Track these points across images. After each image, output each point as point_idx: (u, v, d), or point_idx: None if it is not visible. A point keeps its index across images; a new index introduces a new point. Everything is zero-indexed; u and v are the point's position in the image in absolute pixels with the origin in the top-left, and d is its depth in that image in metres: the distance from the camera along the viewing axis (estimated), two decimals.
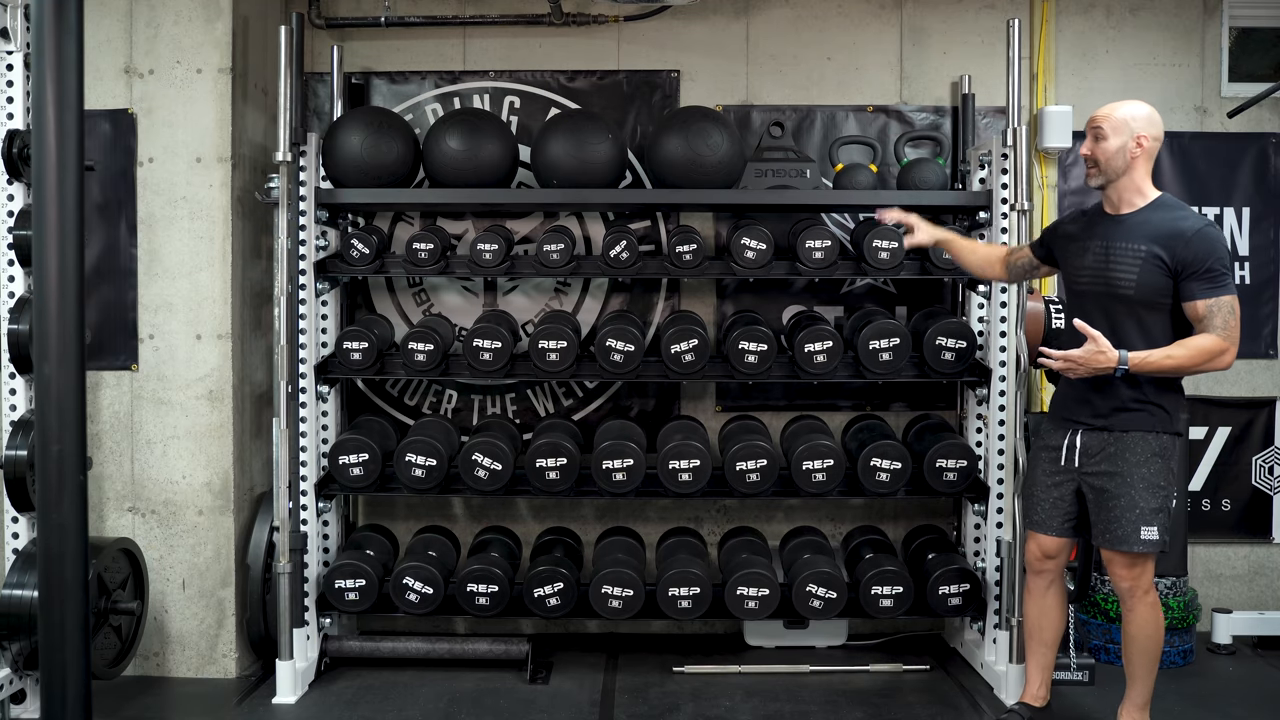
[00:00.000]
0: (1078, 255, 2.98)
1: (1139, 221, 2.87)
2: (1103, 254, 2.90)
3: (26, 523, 3.25)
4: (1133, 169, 2.88)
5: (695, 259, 3.66)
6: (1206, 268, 2.75)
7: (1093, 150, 2.90)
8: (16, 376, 3.26)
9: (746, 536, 3.95)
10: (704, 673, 3.73)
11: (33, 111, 2.13)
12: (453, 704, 3.45)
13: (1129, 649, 2.98)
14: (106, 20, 3.63)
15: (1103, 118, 2.89)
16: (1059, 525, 3.04)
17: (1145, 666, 2.97)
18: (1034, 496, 3.09)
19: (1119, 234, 2.88)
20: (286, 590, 3.48)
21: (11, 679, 3.17)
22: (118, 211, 3.67)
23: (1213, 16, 4.13)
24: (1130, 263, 2.83)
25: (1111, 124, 2.87)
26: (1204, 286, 2.76)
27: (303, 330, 3.59)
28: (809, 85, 4.13)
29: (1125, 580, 2.92)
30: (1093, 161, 2.91)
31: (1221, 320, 2.75)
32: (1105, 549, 2.92)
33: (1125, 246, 2.85)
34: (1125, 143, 2.85)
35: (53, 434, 2.01)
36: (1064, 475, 3.00)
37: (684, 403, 4.19)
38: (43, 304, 2.00)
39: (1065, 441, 2.98)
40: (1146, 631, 2.94)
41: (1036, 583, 3.14)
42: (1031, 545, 3.12)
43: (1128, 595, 2.93)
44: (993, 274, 3.33)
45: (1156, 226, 2.83)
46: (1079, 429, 2.96)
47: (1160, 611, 2.96)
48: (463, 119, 3.69)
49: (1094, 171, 2.92)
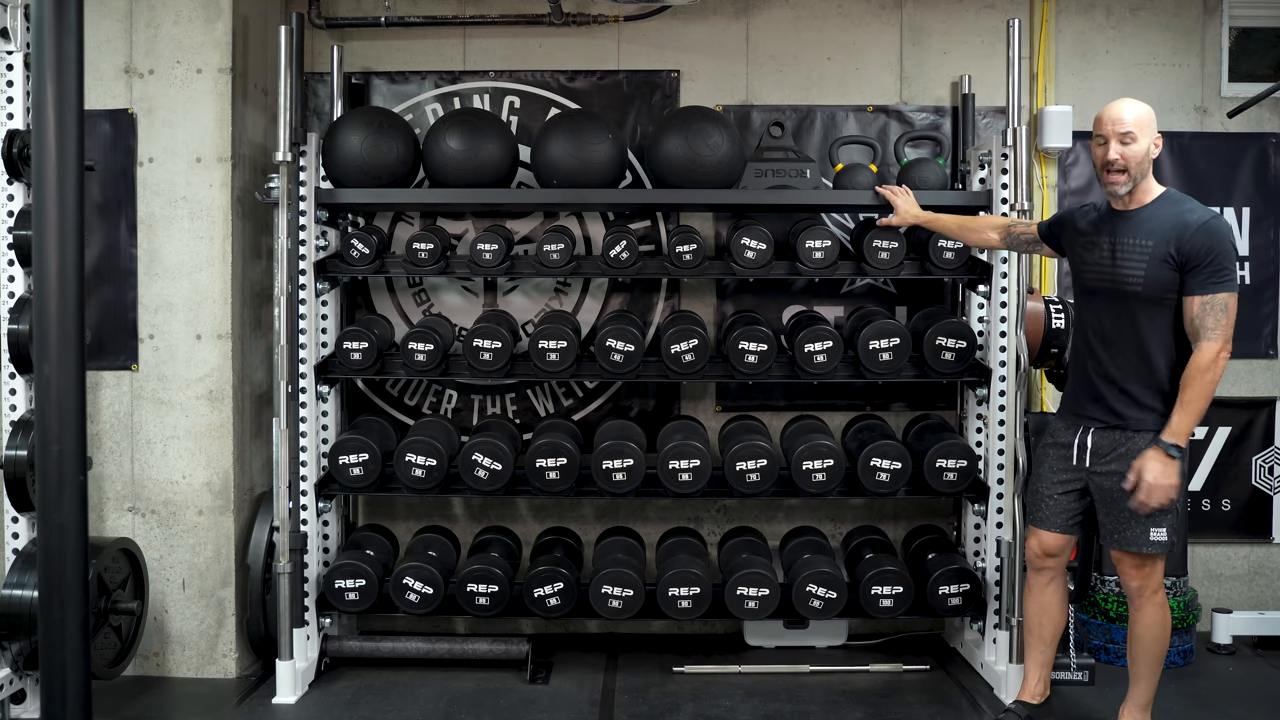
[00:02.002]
0: (1087, 250, 2.96)
1: (1146, 217, 2.85)
2: (1110, 251, 2.88)
3: (26, 523, 3.25)
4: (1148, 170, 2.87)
5: (695, 259, 3.66)
6: (1209, 262, 2.73)
7: (1123, 155, 2.81)
8: (16, 376, 3.26)
9: (746, 536, 3.95)
10: (704, 673, 3.73)
11: (33, 111, 2.13)
12: (453, 704, 3.45)
13: (1134, 648, 2.98)
14: (106, 20, 3.63)
15: (1134, 121, 2.81)
16: (1062, 523, 3.04)
17: (1150, 666, 2.97)
18: (1039, 493, 3.08)
19: (1126, 230, 2.86)
20: (286, 590, 3.48)
21: (11, 679, 3.17)
22: (118, 211, 3.67)
23: (1213, 16, 4.13)
24: (1138, 260, 2.81)
25: (1141, 126, 2.81)
26: (1203, 281, 2.73)
27: (303, 330, 3.59)
28: (809, 85, 4.13)
29: (1135, 580, 2.91)
30: (1122, 167, 2.82)
31: (1213, 320, 2.72)
32: (1115, 550, 2.92)
33: (1133, 243, 2.83)
34: (1148, 145, 2.83)
35: (53, 434, 2.01)
36: (1073, 474, 2.99)
37: (684, 403, 4.19)
38: (43, 304, 2.00)
39: (1076, 440, 2.97)
40: (1154, 632, 2.94)
41: (1037, 579, 3.14)
42: (1033, 542, 3.11)
43: (1136, 595, 2.93)
44: (986, 242, 3.35)
45: (1163, 221, 2.81)
46: (1090, 427, 2.94)
47: (1168, 613, 2.96)
48: (463, 119, 3.69)
49: (1123, 178, 2.83)
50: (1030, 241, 3.23)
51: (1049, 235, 3.16)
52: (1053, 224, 3.17)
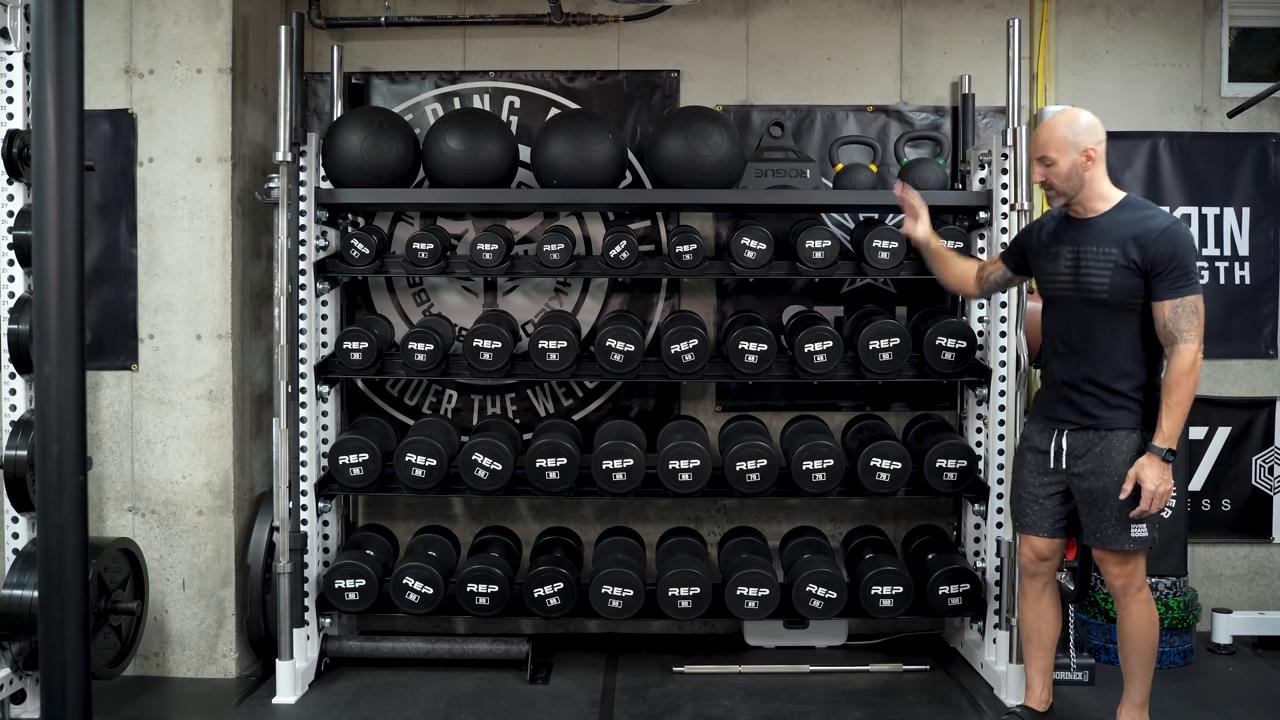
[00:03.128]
0: (1050, 262, 2.99)
1: (1106, 225, 2.88)
2: (1073, 260, 2.91)
3: (26, 523, 3.25)
4: (1089, 180, 2.89)
5: (695, 259, 3.66)
6: (1174, 267, 2.77)
7: (1046, 177, 2.90)
8: (16, 376, 3.26)
9: (746, 536, 3.95)
10: (704, 673, 3.73)
11: (33, 111, 2.13)
12: (453, 704, 3.45)
13: (1125, 647, 2.99)
14: (106, 20, 3.63)
15: (1046, 143, 2.88)
16: (1050, 526, 3.05)
17: (1142, 664, 2.98)
18: (1022, 499, 3.10)
19: (1089, 238, 2.89)
20: (286, 590, 3.48)
21: (11, 679, 3.17)
22: (118, 211, 3.67)
23: (1213, 16, 4.13)
24: (1102, 267, 2.84)
25: (1058, 148, 2.87)
26: (1171, 286, 2.77)
27: (303, 330, 3.59)
28: (809, 85, 4.13)
29: (1119, 579, 2.93)
30: (1048, 186, 2.92)
31: (1186, 322, 2.76)
32: (1096, 549, 2.93)
33: (1095, 251, 2.87)
34: (1074, 160, 2.86)
35: (53, 434, 2.01)
36: (1053, 478, 3.01)
37: (684, 403, 4.19)
38: (43, 304, 2.00)
39: (1052, 445, 2.99)
40: (1142, 629, 2.95)
41: (1031, 585, 3.15)
42: (1024, 548, 3.13)
43: (1121, 593, 2.95)
44: (967, 289, 3.33)
45: (1125, 228, 2.84)
46: (1064, 429, 2.96)
47: (1154, 608, 2.97)
48: (463, 119, 3.69)
49: (1052, 194, 2.94)
50: (1003, 280, 3.25)
51: (1014, 261, 3.19)
52: (1013, 248, 3.21)
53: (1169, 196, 4.11)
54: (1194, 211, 4.12)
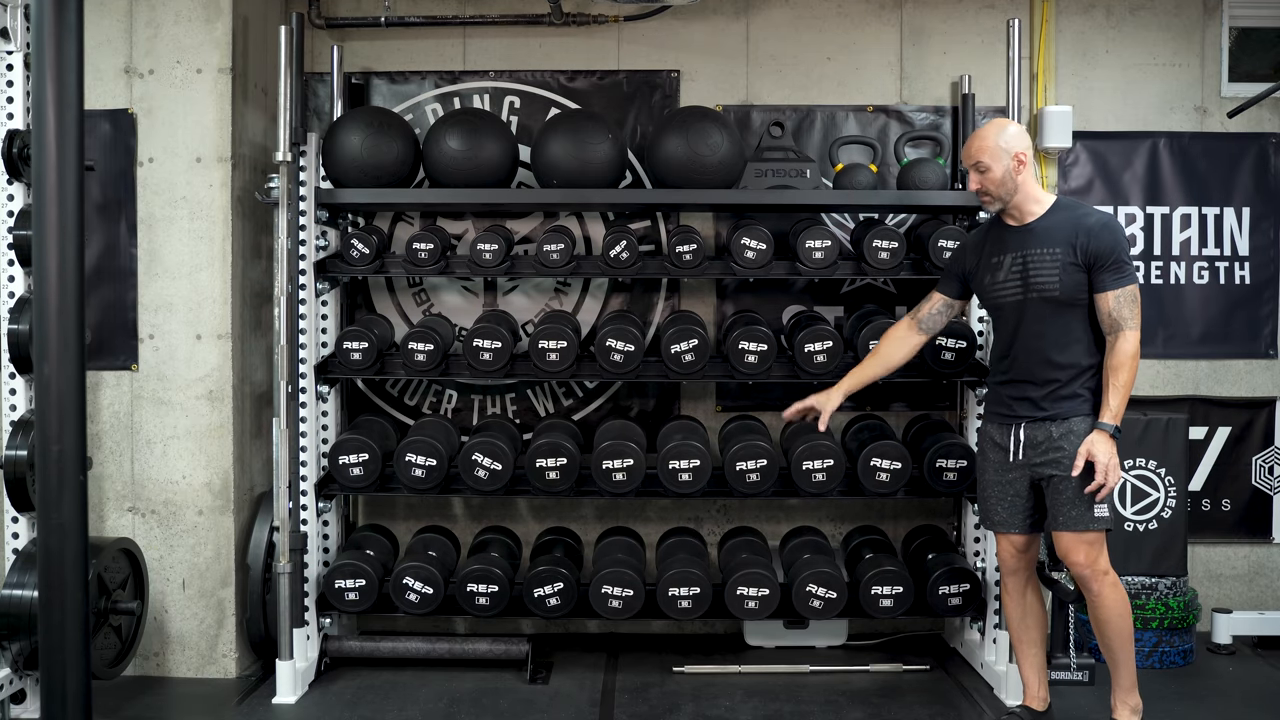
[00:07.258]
0: (992, 273, 3.08)
1: (1047, 226, 3.00)
2: (1020, 265, 3.00)
3: (26, 523, 3.26)
4: (1022, 184, 3.00)
5: (695, 259, 3.66)
6: (1114, 259, 2.90)
7: (982, 183, 3.01)
8: (16, 376, 3.26)
9: (746, 536, 3.95)
10: (704, 673, 3.73)
11: (33, 111, 2.13)
12: (453, 704, 3.45)
13: (1103, 633, 3.02)
14: (106, 20, 3.63)
15: (979, 151, 3.00)
16: (1022, 521, 3.09)
17: (1123, 648, 3.01)
18: (990, 498, 3.14)
19: (1032, 241, 3.00)
20: (286, 590, 3.48)
21: (11, 679, 3.17)
22: (118, 211, 3.67)
23: (1213, 16, 4.13)
24: (1050, 267, 2.95)
25: (990, 154, 2.98)
26: (1113, 277, 2.90)
27: (303, 330, 3.59)
28: (809, 85, 4.14)
29: (1085, 566, 2.96)
30: (984, 193, 3.03)
31: (1129, 310, 2.89)
32: (1062, 532, 2.96)
33: (1041, 252, 2.97)
34: (1007, 165, 2.99)
35: (53, 434, 2.01)
36: (1016, 472, 3.05)
37: (684, 403, 4.19)
38: (43, 304, 2.00)
39: (1011, 438, 3.05)
40: (1117, 610, 2.98)
41: (1014, 582, 3.18)
42: (1002, 544, 3.17)
43: (1090, 580, 2.97)
44: (911, 348, 3.31)
45: (1065, 228, 2.97)
46: (1021, 423, 3.03)
47: (1123, 590, 3.01)
48: (463, 119, 3.69)
49: (988, 200, 3.04)
50: (944, 310, 3.28)
51: (955, 288, 3.24)
52: (950, 274, 3.26)
53: (1169, 196, 4.11)
54: (1194, 211, 4.12)
